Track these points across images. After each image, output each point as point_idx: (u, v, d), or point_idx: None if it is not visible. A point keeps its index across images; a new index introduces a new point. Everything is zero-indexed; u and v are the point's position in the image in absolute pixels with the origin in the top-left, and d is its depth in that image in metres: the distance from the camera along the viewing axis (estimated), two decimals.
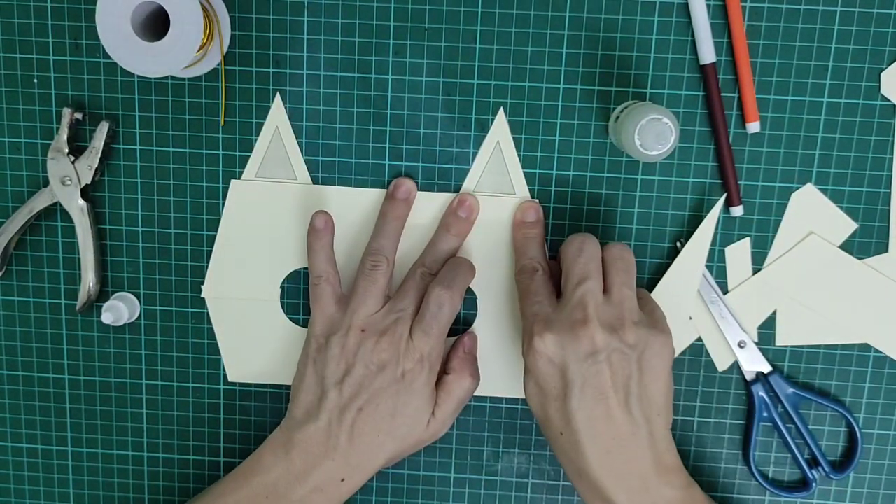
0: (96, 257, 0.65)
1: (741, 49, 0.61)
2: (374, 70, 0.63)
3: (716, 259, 0.64)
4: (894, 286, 0.64)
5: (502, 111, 0.63)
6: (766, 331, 0.65)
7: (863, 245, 0.64)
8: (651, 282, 0.65)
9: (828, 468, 0.65)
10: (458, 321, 0.65)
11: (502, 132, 0.63)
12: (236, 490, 0.61)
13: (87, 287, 0.65)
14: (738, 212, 0.63)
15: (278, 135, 0.64)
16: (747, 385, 0.65)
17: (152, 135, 0.65)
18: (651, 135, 0.55)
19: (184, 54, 0.56)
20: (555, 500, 0.68)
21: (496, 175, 0.64)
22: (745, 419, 0.66)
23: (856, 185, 0.63)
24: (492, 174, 0.64)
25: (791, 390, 0.65)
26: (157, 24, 0.57)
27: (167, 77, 0.64)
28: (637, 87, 0.62)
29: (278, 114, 0.64)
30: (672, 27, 0.61)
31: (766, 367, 0.65)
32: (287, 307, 0.66)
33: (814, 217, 0.63)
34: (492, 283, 0.65)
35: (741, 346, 0.65)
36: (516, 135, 0.63)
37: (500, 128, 0.63)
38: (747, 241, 0.64)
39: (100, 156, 0.64)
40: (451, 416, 0.62)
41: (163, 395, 0.68)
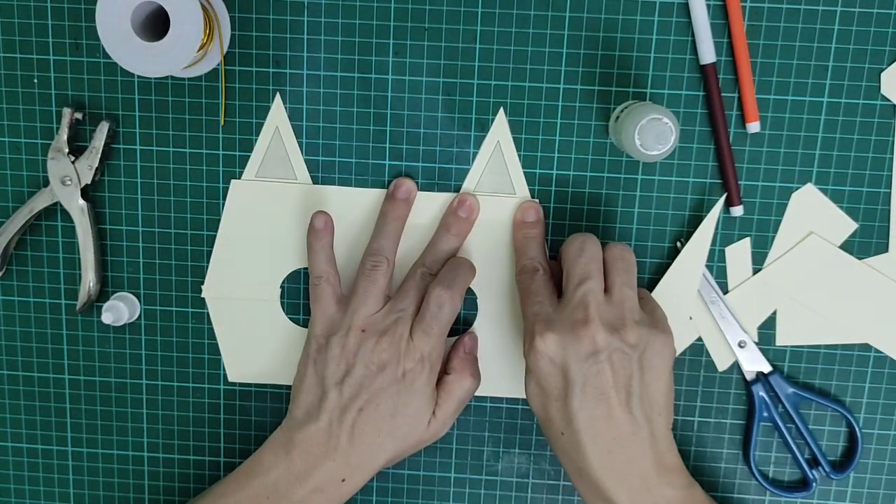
0: (96, 257, 0.65)
1: (741, 49, 0.61)
2: (374, 70, 0.63)
3: (716, 259, 0.64)
4: (894, 286, 0.64)
5: (502, 111, 0.63)
6: (767, 331, 0.65)
7: (863, 245, 0.64)
8: (651, 282, 0.65)
9: (828, 468, 0.65)
10: (459, 321, 0.65)
11: (502, 132, 0.63)
12: (237, 490, 0.61)
13: (88, 287, 0.65)
14: (738, 212, 0.63)
15: (278, 135, 0.64)
16: (747, 385, 0.65)
17: (152, 135, 0.65)
18: (651, 135, 0.55)
19: (184, 54, 0.56)
20: (555, 500, 0.68)
21: (496, 175, 0.64)
22: (745, 419, 0.66)
23: (856, 185, 0.63)
24: (492, 174, 0.64)
25: (791, 390, 0.65)
26: (157, 24, 0.57)
27: (167, 77, 0.64)
28: (637, 87, 0.62)
29: (278, 114, 0.64)
30: (672, 27, 0.61)
31: (767, 367, 0.65)
32: (287, 307, 0.66)
33: (814, 217, 0.63)
34: (492, 283, 0.65)
35: (741, 345, 0.65)
36: (516, 135, 0.63)
37: (501, 128, 0.63)
38: (747, 241, 0.64)
39: (100, 156, 0.64)
40: (452, 416, 0.62)
41: (163, 395, 0.68)
